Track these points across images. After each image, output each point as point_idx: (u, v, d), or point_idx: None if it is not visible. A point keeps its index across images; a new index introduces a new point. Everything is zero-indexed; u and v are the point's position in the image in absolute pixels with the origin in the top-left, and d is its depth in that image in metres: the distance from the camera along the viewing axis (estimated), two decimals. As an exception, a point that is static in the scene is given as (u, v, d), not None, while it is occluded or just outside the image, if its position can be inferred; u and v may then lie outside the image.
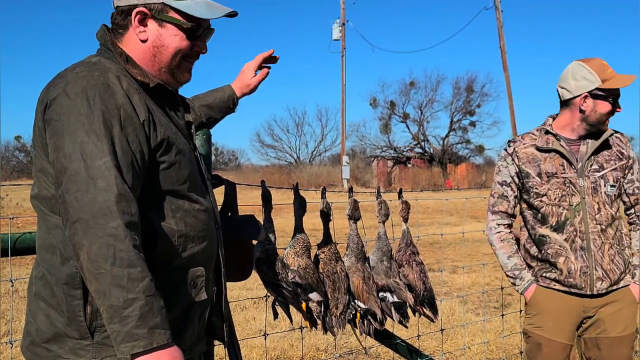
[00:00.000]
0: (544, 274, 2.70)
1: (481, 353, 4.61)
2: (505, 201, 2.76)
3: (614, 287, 2.65)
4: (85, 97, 1.46)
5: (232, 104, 2.25)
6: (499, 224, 2.77)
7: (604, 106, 2.63)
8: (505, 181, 2.75)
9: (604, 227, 2.63)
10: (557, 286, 2.67)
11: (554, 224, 2.65)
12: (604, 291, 2.63)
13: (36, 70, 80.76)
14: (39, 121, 1.52)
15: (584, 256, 2.61)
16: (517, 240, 2.82)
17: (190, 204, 1.64)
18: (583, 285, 2.62)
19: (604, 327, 2.66)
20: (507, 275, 2.77)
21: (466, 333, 5.01)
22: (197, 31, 1.68)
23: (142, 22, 1.64)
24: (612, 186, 2.65)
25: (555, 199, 2.64)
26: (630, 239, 2.77)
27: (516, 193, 2.75)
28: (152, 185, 1.56)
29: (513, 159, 2.74)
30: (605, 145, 2.68)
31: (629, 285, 2.68)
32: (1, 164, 43.89)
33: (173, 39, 1.66)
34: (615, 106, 2.66)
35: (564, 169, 2.65)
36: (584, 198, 2.62)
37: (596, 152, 2.67)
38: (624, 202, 2.75)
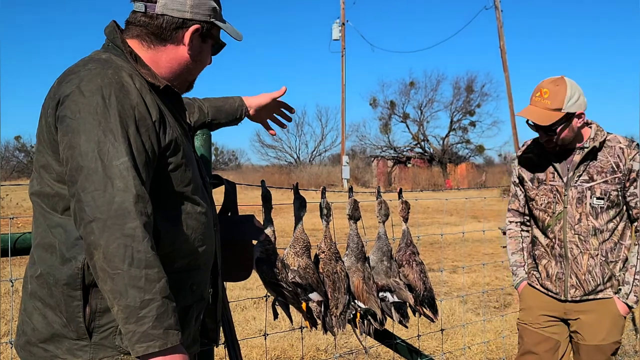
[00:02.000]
0: (532, 272, 2.83)
1: (481, 353, 4.61)
2: (516, 200, 2.91)
3: (591, 297, 2.67)
4: (101, 95, 1.45)
5: (239, 114, 2.26)
6: (510, 221, 2.94)
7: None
8: (515, 181, 2.91)
9: (582, 237, 2.64)
10: (538, 286, 2.79)
11: (541, 228, 2.77)
12: (577, 299, 2.68)
13: (36, 71, 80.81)
14: (49, 117, 1.50)
15: (562, 263, 2.68)
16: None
17: (193, 206, 1.64)
18: (557, 291, 2.71)
19: (584, 335, 2.70)
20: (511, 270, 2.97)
21: (466, 333, 5.01)
22: (221, 49, 1.80)
23: (192, 38, 1.67)
24: (598, 198, 2.61)
25: (541, 204, 2.73)
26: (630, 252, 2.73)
27: (525, 193, 2.86)
28: (158, 186, 1.56)
29: (516, 163, 2.89)
30: (600, 156, 2.64)
31: (610, 298, 2.66)
32: (1, 164, 43.88)
33: (207, 55, 1.75)
34: (538, 130, 2.60)
35: (553, 177, 2.70)
36: (566, 207, 2.65)
37: (587, 162, 2.64)
38: (629, 216, 2.70)
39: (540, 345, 2.78)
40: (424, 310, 2.68)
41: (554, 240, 2.70)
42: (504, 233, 3.05)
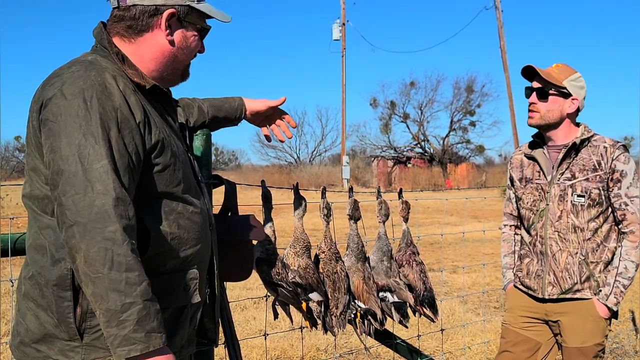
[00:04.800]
0: (516, 273, 2.87)
1: (481, 353, 4.61)
2: (510, 203, 2.95)
3: (569, 296, 2.65)
4: (82, 98, 1.45)
5: (239, 114, 2.27)
6: (505, 225, 2.98)
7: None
8: (509, 184, 2.94)
9: (562, 234, 2.64)
10: (520, 286, 2.82)
11: (526, 227, 2.80)
12: (555, 296, 2.67)
13: (37, 71, 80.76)
14: (34, 120, 1.50)
15: (542, 260, 2.70)
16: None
17: (184, 206, 1.63)
18: (536, 288, 2.73)
19: (565, 337, 2.70)
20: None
21: (466, 333, 5.00)
22: (207, 33, 1.75)
23: (169, 24, 1.65)
24: (579, 196, 2.61)
25: (528, 203, 2.77)
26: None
27: (515, 193, 2.89)
28: (145, 187, 1.55)
29: (509, 165, 2.95)
30: (583, 154, 2.66)
31: (590, 299, 2.63)
32: (1, 164, 43.90)
33: (193, 40, 1.71)
34: (532, 92, 2.72)
35: (539, 175, 2.75)
36: (548, 204, 2.68)
37: (570, 160, 2.66)
38: (614, 217, 2.67)
39: (519, 345, 2.78)
40: (424, 310, 2.68)
41: (535, 237, 2.73)
42: None
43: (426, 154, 43.11)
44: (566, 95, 2.65)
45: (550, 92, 2.65)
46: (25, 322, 1.56)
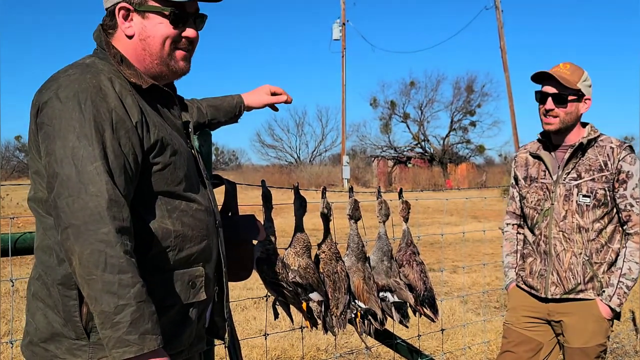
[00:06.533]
0: (519, 272, 2.85)
1: (482, 353, 4.61)
2: (513, 202, 2.95)
3: (572, 297, 2.65)
4: (77, 100, 1.46)
5: (238, 111, 2.28)
6: (507, 223, 2.98)
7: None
8: (513, 183, 2.94)
9: (567, 234, 2.64)
10: (523, 285, 2.81)
11: (529, 226, 2.80)
12: (557, 296, 2.67)
13: (37, 70, 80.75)
14: (32, 124, 1.52)
15: (546, 260, 2.70)
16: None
17: (187, 204, 1.63)
18: (539, 287, 2.72)
19: (567, 337, 2.69)
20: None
21: (467, 333, 5.00)
22: (181, 16, 1.65)
23: (127, 17, 1.64)
24: (585, 196, 2.61)
25: (532, 202, 2.77)
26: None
27: (519, 192, 2.90)
28: (147, 186, 1.56)
29: (513, 163, 2.94)
30: (590, 155, 2.66)
31: (593, 299, 2.63)
32: (1, 164, 43.92)
33: (158, 27, 1.63)
34: (544, 102, 2.67)
35: (544, 175, 2.75)
36: (553, 204, 2.68)
37: (576, 160, 2.66)
38: (619, 218, 2.66)
39: (521, 345, 2.78)
40: (425, 310, 2.67)
41: (539, 236, 2.72)
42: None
43: (426, 154, 43.11)
44: (581, 97, 2.66)
45: (569, 97, 2.63)
46: (35, 322, 1.57)
